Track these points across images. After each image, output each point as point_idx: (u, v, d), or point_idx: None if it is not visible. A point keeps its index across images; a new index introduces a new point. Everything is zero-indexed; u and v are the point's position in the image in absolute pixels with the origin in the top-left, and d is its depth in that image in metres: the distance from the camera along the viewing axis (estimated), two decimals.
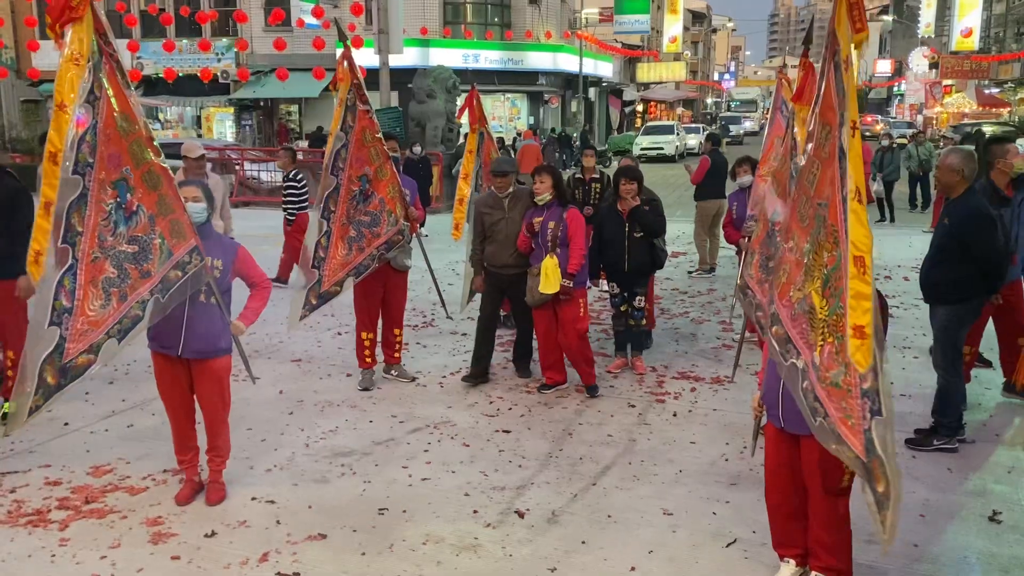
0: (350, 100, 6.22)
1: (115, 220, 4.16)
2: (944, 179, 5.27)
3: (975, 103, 43.60)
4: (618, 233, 6.77)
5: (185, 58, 31.37)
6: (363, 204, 6.36)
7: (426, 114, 21.13)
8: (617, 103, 52.60)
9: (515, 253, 6.43)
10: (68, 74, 3.93)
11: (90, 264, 4.07)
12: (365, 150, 6.31)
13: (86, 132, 3.98)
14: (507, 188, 6.43)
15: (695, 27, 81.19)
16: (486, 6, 35.95)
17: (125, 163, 4.20)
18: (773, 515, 3.89)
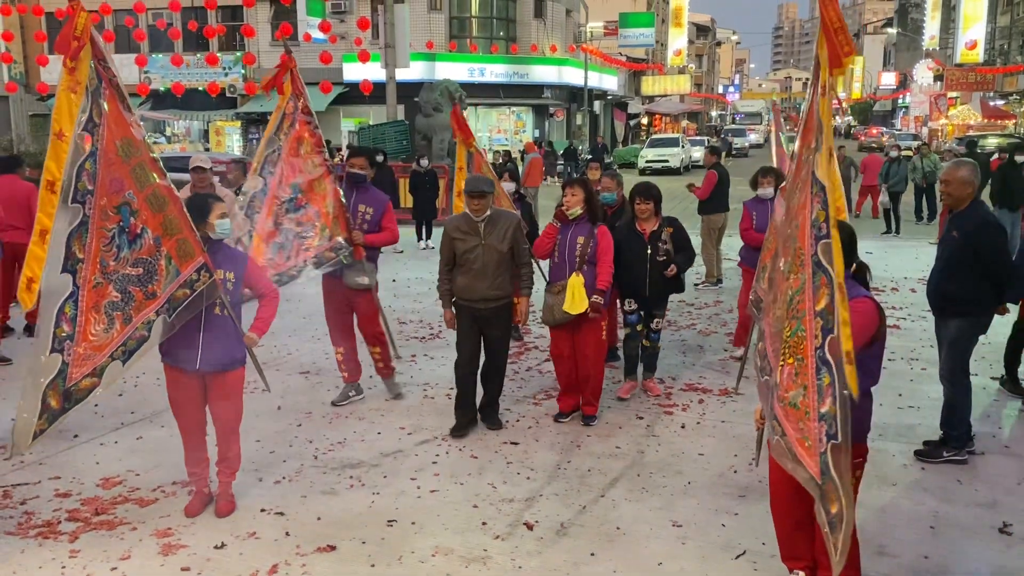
0: (289, 108, 6.19)
1: (118, 244, 4.15)
2: (956, 192, 5.21)
3: (980, 115, 43.58)
4: (639, 255, 6.38)
5: (193, 72, 31.54)
6: (294, 213, 6.18)
7: (432, 127, 21.20)
8: (622, 116, 52.73)
9: (494, 283, 5.76)
10: (66, 102, 3.94)
11: (92, 290, 4.07)
12: (300, 160, 6.18)
13: (85, 159, 3.96)
14: (484, 211, 5.69)
15: (699, 40, 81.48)
16: (492, 20, 36.12)
17: (128, 187, 4.17)
18: (780, 527, 3.89)
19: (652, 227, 6.40)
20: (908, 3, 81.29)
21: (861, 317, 3.41)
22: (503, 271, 5.79)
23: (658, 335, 6.75)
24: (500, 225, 5.76)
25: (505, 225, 5.78)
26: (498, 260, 5.74)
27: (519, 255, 5.86)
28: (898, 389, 6.62)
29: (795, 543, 3.84)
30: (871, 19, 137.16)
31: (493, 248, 5.71)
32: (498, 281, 5.78)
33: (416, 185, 15.02)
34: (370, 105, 28.27)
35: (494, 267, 5.74)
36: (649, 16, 48.57)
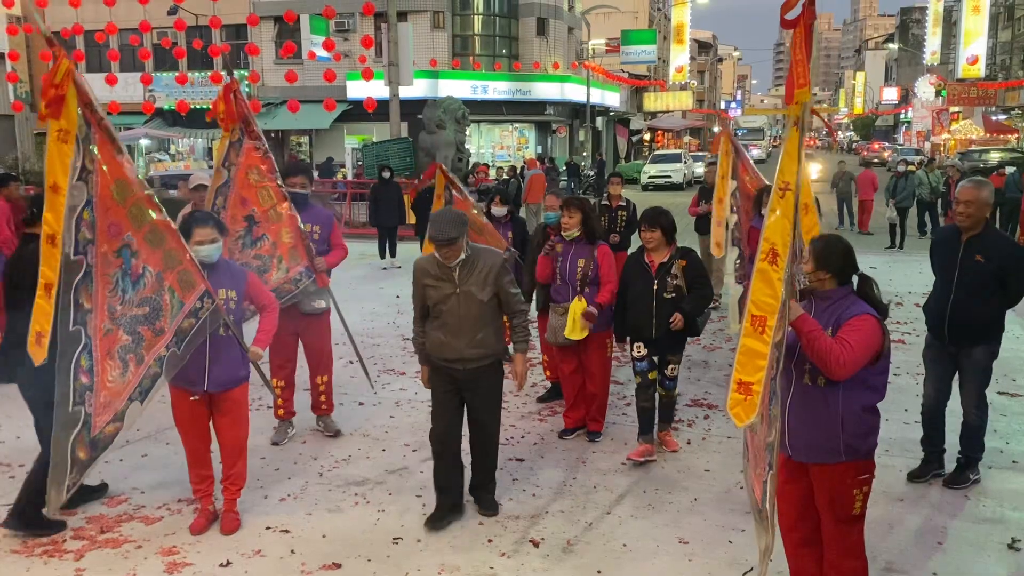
0: (234, 135, 5.72)
1: (122, 288, 4.15)
2: (977, 213, 4.96)
3: (982, 130, 43.64)
4: (644, 290, 5.58)
5: (197, 90, 31.69)
6: (251, 247, 5.73)
7: (436, 144, 21.29)
8: (624, 132, 52.85)
9: (474, 339, 4.66)
10: (57, 153, 3.83)
11: (103, 338, 4.07)
12: (252, 190, 5.72)
13: (83, 208, 3.90)
14: (456, 256, 4.55)
15: (701, 56, 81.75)
16: (494, 38, 36.32)
17: (125, 229, 4.14)
18: (787, 543, 3.87)
19: (661, 259, 5.58)
20: (909, 19, 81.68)
21: (862, 335, 3.40)
22: (486, 324, 4.69)
23: (674, 383, 5.84)
24: (480, 267, 4.62)
25: (487, 267, 4.62)
26: (479, 311, 4.63)
27: (508, 303, 4.77)
28: (904, 404, 6.60)
29: (801, 559, 3.82)
30: (872, 35, 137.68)
31: (472, 297, 4.61)
32: (480, 337, 4.66)
33: (419, 202, 15.03)
34: (374, 122, 28.36)
35: (474, 320, 4.63)
36: (651, 33, 48.78)
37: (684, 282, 5.55)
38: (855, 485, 3.54)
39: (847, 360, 3.35)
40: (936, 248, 5.41)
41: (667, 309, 5.50)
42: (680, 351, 5.81)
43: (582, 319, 5.85)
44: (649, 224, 5.58)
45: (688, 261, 5.60)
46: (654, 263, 5.58)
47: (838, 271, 3.57)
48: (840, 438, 3.48)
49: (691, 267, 5.60)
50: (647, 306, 5.56)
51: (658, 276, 5.55)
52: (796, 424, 3.57)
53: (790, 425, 3.60)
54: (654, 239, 5.57)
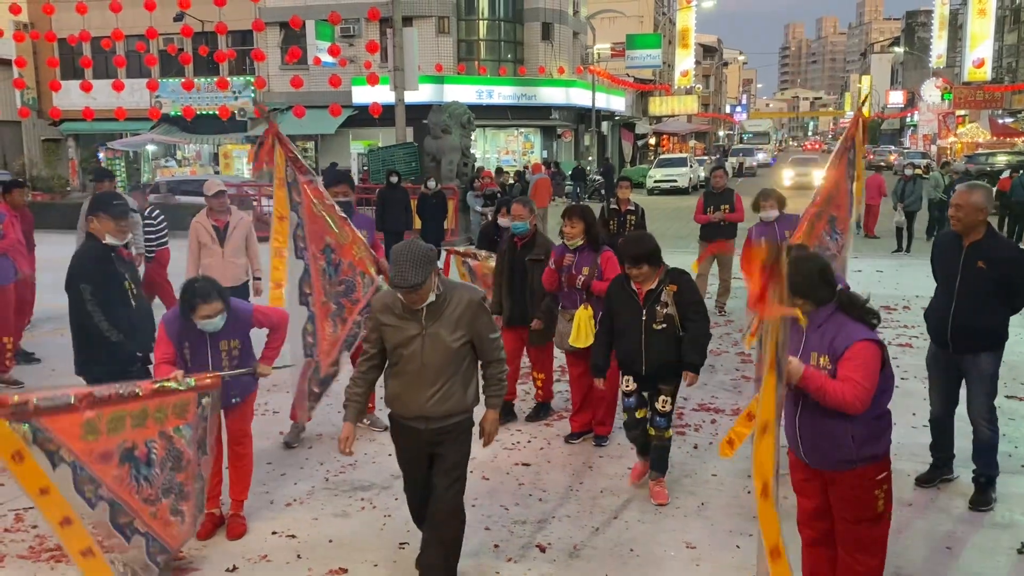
0: (290, 177, 5.81)
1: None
2: (967, 218, 4.87)
3: (989, 133, 43.56)
4: (632, 322, 5.01)
5: (203, 96, 31.82)
6: (335, 275, 5.93)
7: (441, 149, 21.30)
8: (629, 136, 52.88)
9: (441, 393, 3.86)
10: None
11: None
12: (319, 221, 5.87)
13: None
14: (423, 300, 3.76)
15: (706, 61, 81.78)
16: (499, 43, 36.37)
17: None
18: (802, 541, 3.86)
19: (650, 285, 4.99)
20: (915, 22, 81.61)
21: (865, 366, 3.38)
22: (455, 374, 3.89)
23: (666, 420, 5.12)
24: (453, 306, 3.84)
25: (460, 306, 3.85)
26: (447, 358, 3.84)
27: (484, 349, 3.97)
28: (912, 408, 6.57)
29: (815, 558, 3.80)
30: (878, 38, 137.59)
31: (440, 340, 3.82)
32: (448, 389, 3.87)
33: (424, 207, 15.07)
34: (379, 128, 28.42)
35: (439, 368, 3.84)
36: (656, 37, 48.82)
37: (676, 310, 4.95)
38: (875, 486, 3.54)
39: (861, 398, 3.37)
40: (937, 254, 5.29)
41: (658, 341, 4.94)
42: (674, 381, 5.09)
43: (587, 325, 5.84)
44: (633, 262, 4.92)
45: (680, 286, 4.98)
46: (641, 291, 5.00)
47: (811, 294, 3.51)
48: (852, 448, 3.48)
49: (683, 293, 4.97)
50: (636, 339, 5.00)
51: (646, 305, 4.97)
52: (807, 435, 3.57)
53: (801, 436, 3.60)
54: (642, 275, 4.95)
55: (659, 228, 16.88)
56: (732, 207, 10.35)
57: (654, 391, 5.10)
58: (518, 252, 6.39)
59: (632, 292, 5.04)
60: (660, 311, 4.94)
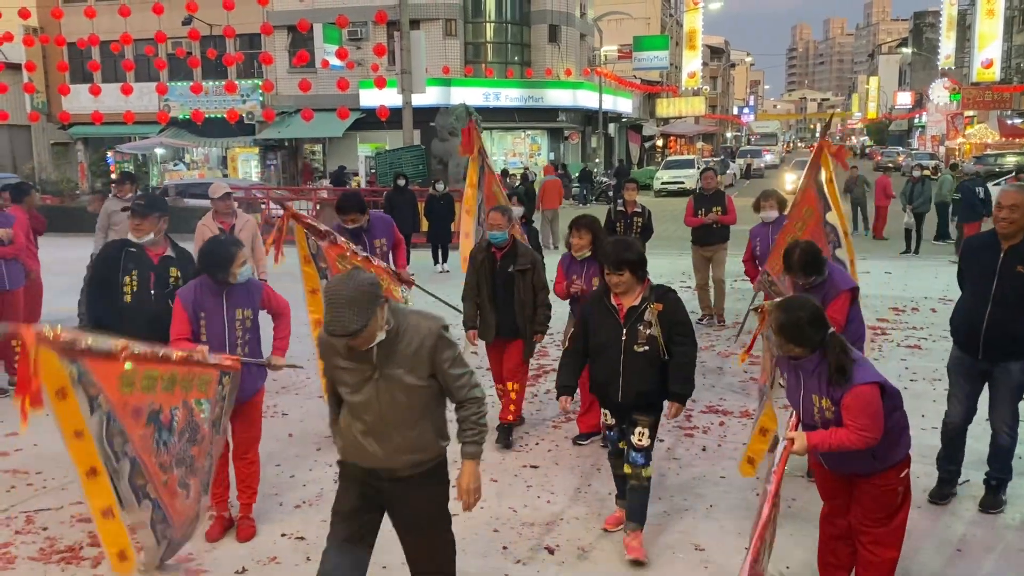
0: (312, 248, 5.98)
1: (163, 441, 4.07)
2: (1022, 220, 4.64)
3: (997, 133, 43.39)
4: (610, 343, 4.42)
5: (212, 100, 31.94)
6: None
7: (448, 151, 21.32)
8: (636, 138, 52.87)
9: (403, 441, 3.33)
10: (64, 411, 3.55)
11: (165, 488, 4.03)
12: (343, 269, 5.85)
13: (106, 425, 3.72)
14: (369, 342, 3.17)
15: (713, 62, 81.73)
16: (506, 45, 36.41)
17: (144, 403, 4.01)
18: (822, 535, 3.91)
19: (632, 301, 4.41)
20: (923, 23, 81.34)
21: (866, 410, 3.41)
22: (423, 418, 3.35)
23: (643, 456, 4.44)
24: (407, 341, 3.26)
25: (417, 340, 3.27)
26: (408, 402, 3.30)
27: (451, 388, 3.37)
28: (921, 410, 6.55)
29: (834, 553, 3.86)
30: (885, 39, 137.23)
31: (397, 383, 3.26)
32: (415, 437, 3.34)
33: (432, 209, 15.10)
34: (387, 130, 28.48)
35: (401, 414, 3.31)
36: (663, 39, 48.81)
37: (660, 331, 4.35)
38: (897, 484, 3.62)
39: (871, 439, 3.41)
40: (969, 257, 5.05)
41: (638, 365, 4.35)
42: (654, 413, 4.47)
43: None
44: (614, 266, 4.35)
45: (666, 304, 4.39)
46: (622, 307, 4.42)
47: (802, 341, 3.50)
48: (872, 461, 3.52)
49: (670, 312, 4.39)
50: (613, 361, 4.40)
51: (627, 324, 4.38)
52: (826, 452, 3.59)
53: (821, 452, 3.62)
54: (622, 283, 4.37)
55: (666, 230, 16.88)
56: (724, 209, 9.97)
57: (630, 422, 4.47)
58: (499, 263, 6.05)
59: (612, 308, 4.43)
60: (642, 331, 4.34)
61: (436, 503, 3.49)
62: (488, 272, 6.11)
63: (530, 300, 6.02)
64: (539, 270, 6.09)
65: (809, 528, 4.28)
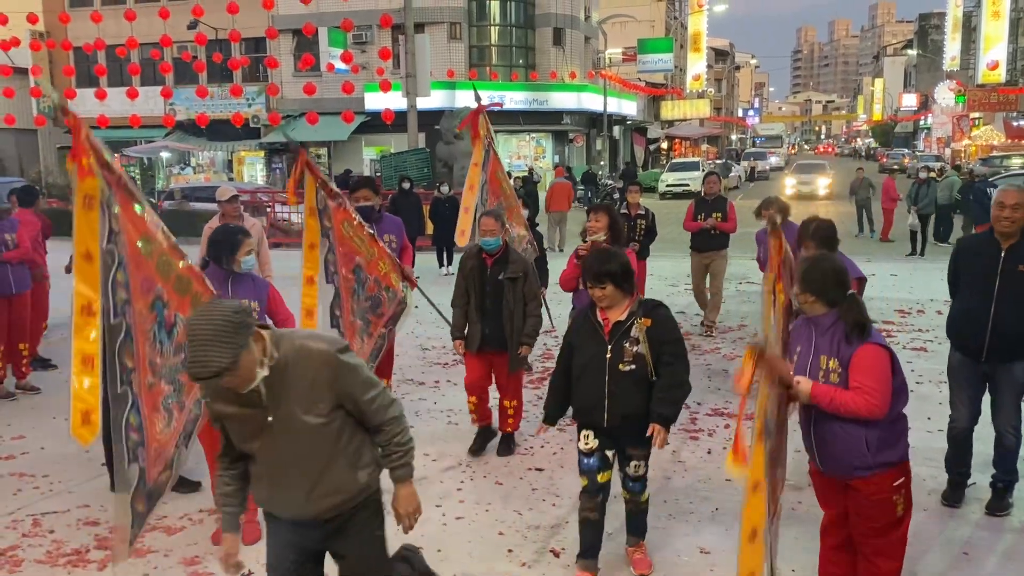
0: (320, 203, 5.73)
1: (159, 339, 4.09)
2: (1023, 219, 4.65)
3: (1003, 135, 43.29)
4: (595, 360, 4.08)
5: (217, 103, 32.03)
6: (363, 292, 6.03)
7: (453, 154, 21.37)
8: (641, 141, 52.90)
9: (319, 487, 2.95)
10: (85, 221, 3.66)
11: (149, 393, 4.02)
12: (349, 243, 5.90)
13: (115, 271, 3.79)
14: (248, 381, 2.74)
15: (718, 64, 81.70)
16: (511, 48, 36.48)
17: (156, 282, 4.08)
18: (823, 546, 3.88)
19: (618, 316, 4.09)
20: (928, 24, 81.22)
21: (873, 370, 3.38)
22: (334, 457, 2.95)
23: (642, 484, 4.29)
24: (299, 374, 2.82)
25: (308, 370, 2.82)
26: (312, 443, 2.89)
27: (365, 413, 2.98)
28: (927, 413, 6.53)
29: (836, 564, 3.81)
30: (891, 41, 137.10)
31: (295, 423, 2.84)
32: (327, 480, 2.96)
33: (437, 211, 15.13)
34: (392, 134, 28.54)
35: (305, 460, 2.91)
36: (668, 42, 48.84)
37: (648, 349, 4.02)
38: (893, 492, 3.52)
39: (875, 404, 3.36)
40: (966, 258, 5.00)
41: (624, 385, 4.01)
42: (646, 443, 4.09)
43: None
44: (595, 278, 4.05)
45: (655, 319, 4.06)
46: (608, 322, 4.10)
47: (823, 293, 3.49)
48: (868, 455, 3.46)
49: (659, 329, 4.06)
50: (598, 381, 4.05)
51: (612, 340, 4.06)
52: (822, 442, 3.56)
53: (816, 443, 3.59)
54: (605, 296, 4.07)
55: (670, 232, 16.86)
56: (724, 216, 9.68)
57: (623, 455, 4.20)
58: (490, 270, 5.83)
59: (597, 324, 4.11)
60: (629, 348, 4.02)
61: (372, 544, 3.20)
62: (477, 279, 5.89)
63: (519, 310, 5.79)
64: (531, 279, 5.87)
65: (813, 531, 4.26)
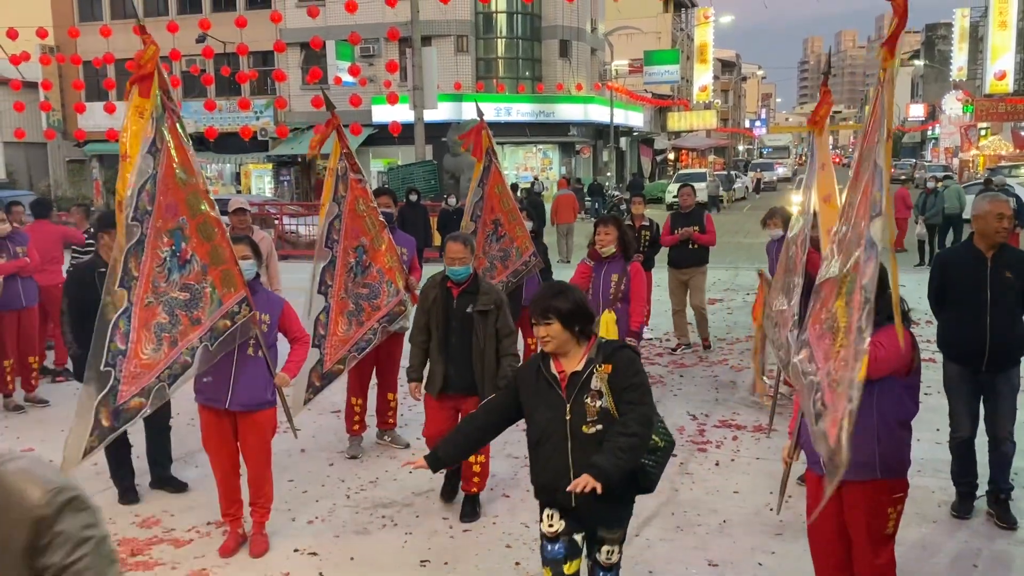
0: (340, 169, 5.81)
1: (169, 267, 4.29)
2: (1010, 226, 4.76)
3: (1011, 145, 43.16)
4: (553, 424, 3.30)
5: (225, 117, 32.18)
6: (361, 276, 5.97)
7: (460, 166, 21.43)
8: (648, 152, 52.91)
9: None
10: (134, 125, 4.11)
11: (144, 308, 4.19)
12: (359, 220, 5.92)
13: (147, 181, 4.13)
14: None
15: (725, 76, 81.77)
16: (517, 61, 36.58)
17: (181, 213, 4.33)
18: (821, 567, 3.82)
19: (574, 366, 3.31)
20: (935, 35, 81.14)
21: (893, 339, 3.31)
22: None
23: (614, 572, 3.56)
24: None
25: None
26: None
27: None
28: (935, 424, 6.50)
29: None
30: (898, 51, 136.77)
31: None
32: None
33: (445, 223, 15.16)
34: (399, 146, 28.63)
35: None
36: (674, 53, 48.91)
37: (612, 401, 3.24)
38: (890, 503, 3.50)
39: (891, 356, 3.34)
40: (953, 271, 5.02)
41: (592, 452, 3.18)
42: (622, 524, 3.52)
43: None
44: (540, 313, 3.29)
45: (615, 364, 3.27)
46: (563, 374, 3.31)
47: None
48: (876, 452, 3.44)
49: (620, 372, 3.25)
50: (559, 450, 3.27)
51: (571, 396, 3.26)
52: None
53: None
54: (551, 335, 3.28)
55: None
56: (702, 228, 9.33)
57: (592, 538, 3.47)
58: (456, 302, 5.08)
59: (551, 378, 3.31)
60: (591, 405, 3.22)
61: None
62: (441, 312, 5.11)
63: (491, 349, 5.06)
64: (505, 312, 5.13)
65: None
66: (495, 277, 7.19)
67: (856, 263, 3.13)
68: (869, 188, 3.14)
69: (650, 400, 3.32)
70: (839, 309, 3.33)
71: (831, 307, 3.44)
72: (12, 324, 7.54)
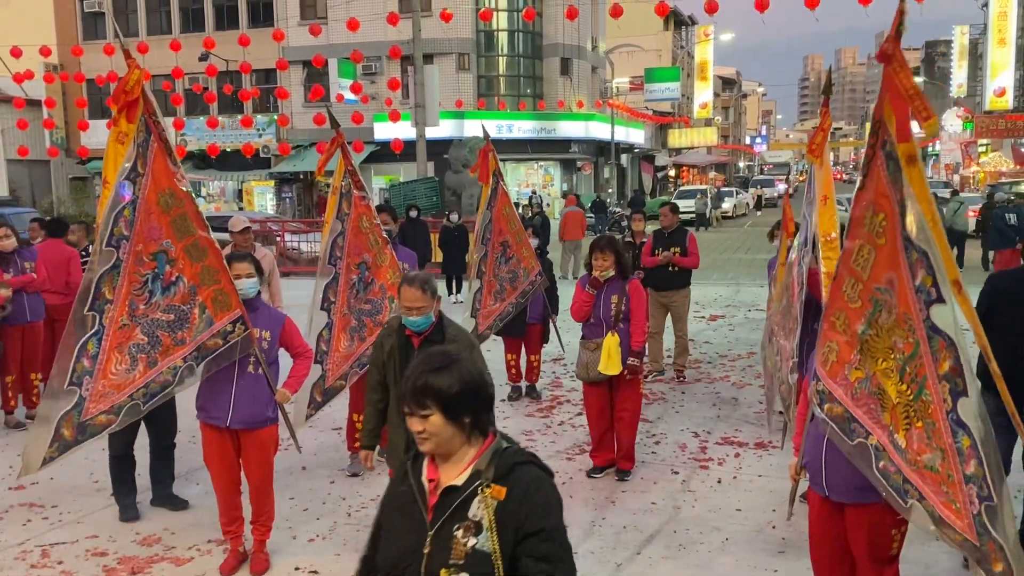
0: (344, 187, 5.88)
1: (151, 290, 4.35)
2: None
3: (1012, 162, 43.25)
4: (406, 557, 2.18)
5: (228, 134, 32.32)
6: (363, 292, 6.03)
7: (462, 183, 21.50)
8: (649, 168, 53.05)
9: None
10: (113, 152, 4.21)
11: (117, 331, 4.25)
12: (363, 237, 5.97)
13: (124, 207, 4.20)
14: None
15: (725, 93, 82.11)
16: (519, 78, 36.76)
17: (165, 236, 4.37)
18: None
19: (450, 478, 2.19)
20: (934, 52, 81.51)
21: None
22: None
23: None
24: None
25: None
26: None
27: None
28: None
29: None
30: None
31: None
32: None
33: (446, 240, 15.19)
34: (401, 163, 28.72)
35: None
36: (674, 71, 49.10)
37: (497, 542, 2.11)
38: (893, 525, 3.47)
39: None
40: (1003, 299, 4.60)
41: None
42: None
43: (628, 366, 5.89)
44: (414, 398, 2.17)
45: (513, 490, 2.16)
46: (435, 485, 2.21)
47: None
48: None
49: (520, 505, 2.15)
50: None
51: (436, 523, 2.16)
52: (834, 460, 3.52)
53: (827, 461, 3.55)
54: (428, 431, 2.17)
55: None
56: (684, 250, 8.80)
57: None
58: (417, 353, 3.50)
59: (417, 489, 2.23)
60: (461, 541, 2.12)
61: None
62: (400, 366, 4.15)
63: None
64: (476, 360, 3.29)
65: None
66: (505, 299, 7.52)
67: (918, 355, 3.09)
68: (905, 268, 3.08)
69: (568, 553, 2.19)
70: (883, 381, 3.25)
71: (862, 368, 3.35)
72: (15, 339, 7.54)
